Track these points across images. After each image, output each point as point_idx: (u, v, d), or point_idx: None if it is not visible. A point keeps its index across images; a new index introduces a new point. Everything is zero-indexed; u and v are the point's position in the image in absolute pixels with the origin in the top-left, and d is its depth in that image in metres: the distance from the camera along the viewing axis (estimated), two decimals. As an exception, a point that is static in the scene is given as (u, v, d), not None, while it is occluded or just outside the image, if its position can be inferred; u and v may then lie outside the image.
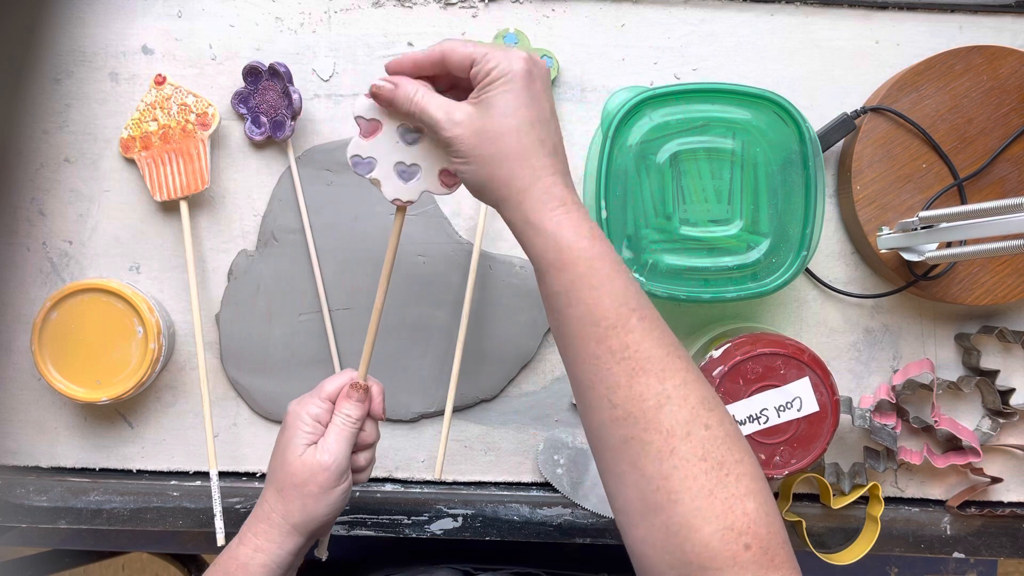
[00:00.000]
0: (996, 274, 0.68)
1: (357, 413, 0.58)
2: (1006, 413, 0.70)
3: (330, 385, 0.59)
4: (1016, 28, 0.71)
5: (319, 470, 0.56)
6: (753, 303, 0.72)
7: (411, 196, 0.55)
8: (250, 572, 0.56)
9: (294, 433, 0.57)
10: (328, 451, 0.57)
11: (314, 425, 0.58)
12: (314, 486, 0.56)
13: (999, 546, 0.72)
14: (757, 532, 0.44)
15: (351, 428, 0.58)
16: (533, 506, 0.72)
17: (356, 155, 0.54)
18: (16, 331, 0.71)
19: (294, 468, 0.57)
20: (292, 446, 0.57)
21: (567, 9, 0.71)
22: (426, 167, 0.54)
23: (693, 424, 0.46)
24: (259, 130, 0.70)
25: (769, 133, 0.62)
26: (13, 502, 0.71)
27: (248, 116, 0.70)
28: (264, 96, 0.70)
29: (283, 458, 0.57)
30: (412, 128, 0.54)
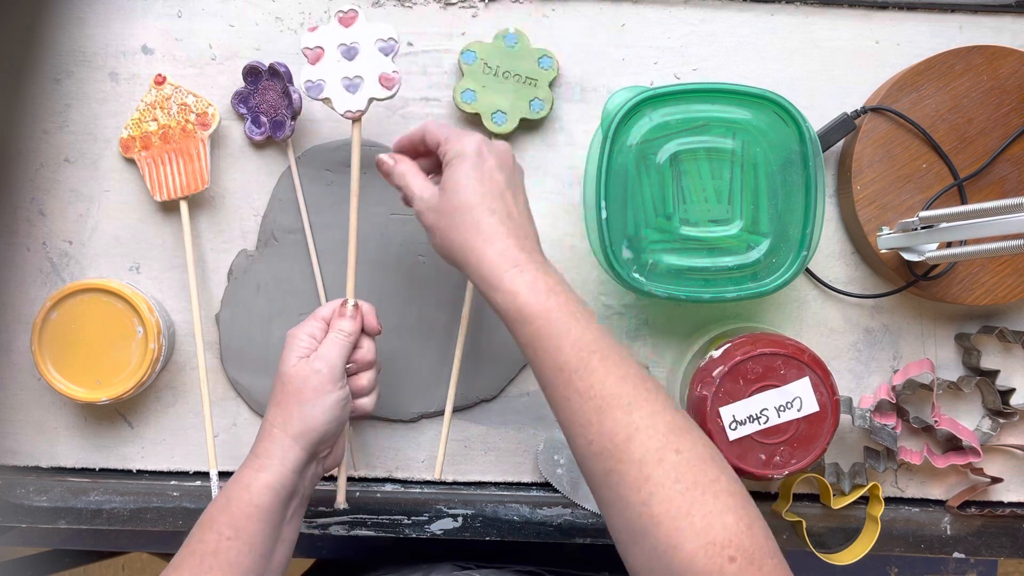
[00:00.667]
0: (996, 274, 0.68)
1: (349, 327, 0.61)
2: (1006, 413, 0.70)
3: (324, 309, 0.63)
4: (1016, 28, 0.71)
5: (311, 373, 0.59)
6: (753, 303, 0.72)
7: (360, 105, 0.63)
8: (253, 493, 0.57)
9: (290, 350, 0.60)
10: (320, 357, 0.60)
11: (310, 341, 0.61)
12: (308, 392, 0.58)
13: (999, 546, 0.72)
14: (740, 544, 0.47)
15: (344, 340, 0.61)
16: (533, 506, 0.72)
17: (308, 80, 0.62)
18: (16, 331, 0.71)
19: (288, 376, 0.59)
20: (287, 360, 0.60)
21: (567, 9, 0.71)
22: (368, 76, 0.62)
23: (664, 450, 0.49)
24: (259, 130, 0.70)
25: (769, 133, 0.62)
26: (13, 502, 0.71)
27: (248, 116, 0.70)
28: (264, 96, 0.69)
29: (279, 373, 0.60)
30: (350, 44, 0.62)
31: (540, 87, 0.69)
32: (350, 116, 0.63)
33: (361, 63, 0.62)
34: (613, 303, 0.72)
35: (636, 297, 0.72)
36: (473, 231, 0.55)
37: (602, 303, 0.72)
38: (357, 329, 0.62)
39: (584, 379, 0.51)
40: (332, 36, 0.62)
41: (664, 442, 0.49)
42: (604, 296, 0.72)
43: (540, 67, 0.69)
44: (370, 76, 0.62)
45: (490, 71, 0.69)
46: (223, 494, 0.58)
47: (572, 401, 0.51)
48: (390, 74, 0.62)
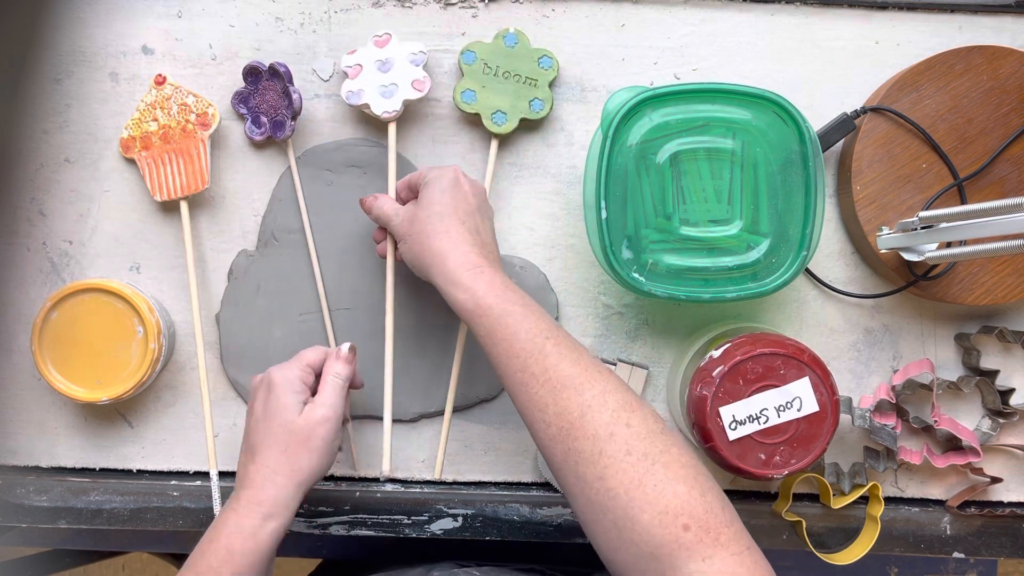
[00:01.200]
0: (996, 274, 0.68)
1: (347, 372, 0.64)
2: (1006, 413, 0.70)
3: (310, 354, 0.64)
4: (1016, 28, 0.71)
5: (321, 422, 0.60)
6: (753, 303, 0.72)
7: (395, 107, 0.68)
8: (260, 542, 0.58)
9: (288, 396, 0.61)
10: (325, 404, 0.61)
11: (302, 387, 0.62)
12: (318, 440, 0.60)
13: (999, 546, 0.72)
14: (693, 512, 0.48)
15: (342, 385, 0.63)
16: (533, 506, 0.72)
17: (348, 90, 0.68)
18: (16, 331, 0.71)
19: (298, 426, 0.60)
20: (289, 407, 0.61)
21: (567, 9, 0.71)
22: (401, 83, 0.69)
23: (615, 425, 0.52)
24: (259, 130, 0.70)
25: (769, 133, 0.62)
26: (13, 502, 0.71)
27: (248, 116, 0.70)
28: (264, 96, 0.70)
29: (282, 420, 0.60)
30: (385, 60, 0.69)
31: (540, 87, 0.69)
32: (387, 117, 0.68)
33: (395, 73, 0.69)
34: (613, 303, 0.72)
35: (636, 297, 0.72)
36: (443, 236, 0.60)
37: (602, 303, 0.72)
38: (352, 374, 0.64)
39: (539, 363, 0.54)
40: (369, 55, 0.69)
41: (614, 417, 0.52)
42: (604, 296, 0.72)
43: (540, 67, 0.69)
44: (403, 82, 0.69)
45: (490, 71, 0.69)
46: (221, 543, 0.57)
47: (529, 386, 0.54)
48: (421, 79, 0.69)
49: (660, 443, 0.51)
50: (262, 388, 0.62)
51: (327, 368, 0.64)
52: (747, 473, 0.62)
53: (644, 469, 0.50)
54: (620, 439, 0.51)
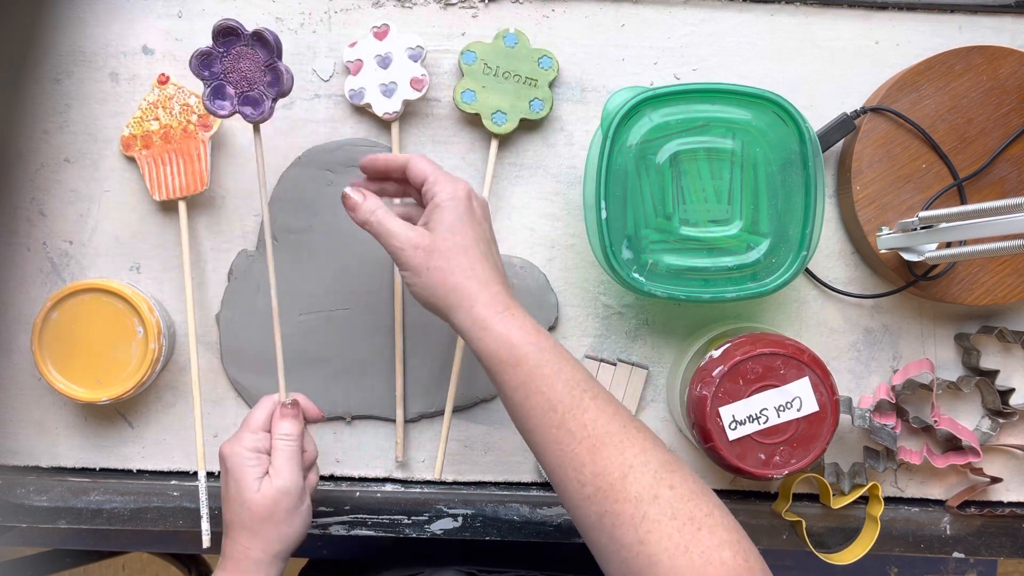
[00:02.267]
0: (996, 274, 0.68)
1: (296, 429, 0.61)
2: (1006, 413, 0.70)
3: (257, 415, 0.61)
4: (1016, 28, 0.71)
5: (280, 496, 0.58)
6: (753, 303, 0.72)
7: (395, 107, 0.68)
8: None
9: (242, 472, 0.59)
10: (281, 475, 0.59)
11: (257, 457, 0.59)
12: (281, 513, 0.58)
13: (999, 546, 0.72)
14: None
15: (293, 446, 0.60)
16: (533, 506, 0.72)
17: (351, 89, 0.68)
18: (16, 331, 0.71)
19: (256, 505, 0.58)
20: (245, 484, 0.58)
21: (567, 9, 0.71)
22: (400, 81, 0.68)
23: (658, 487, 0.49)
24: (223, 102, 0.59)
25: (769, 133, 0.62)
26: (13, 502, 0.71)
27: (211, 82, 0.59)
28: (237, 63, 0.59)
29: (241, 499, 0.58)
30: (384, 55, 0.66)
31: (540, 87, 0.69)
32: (388, 117, 0.69)
33: (394, 70, 0.68)
34: (613, 303, 0.72)
35: (636, 297, 0.72)
36: (468, 273, 0.55)
37: (602, 303, 0.72)
38: (302, 428, 0.62)
39: (577, 418, 0.51)
40: (369, 49, 0.68)
41: (657, 479, 0.49)
42: (604, 296, 0.72)
43: (540, 67, 0.69)
44: (402, 81, 0.68)
45: (490, 71, 0.69)
46: None
47: (564, 444, 0.51)
48: (419, 77, 0.68)
49: (704, 506, 0.49)
50: (222, 468, 0.60)
51: (274, 429, 0.61)
52: (747, 473, 0.62)
53: (689, 535, 0.48)
54: (664, 502, 0.48)
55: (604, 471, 0.50)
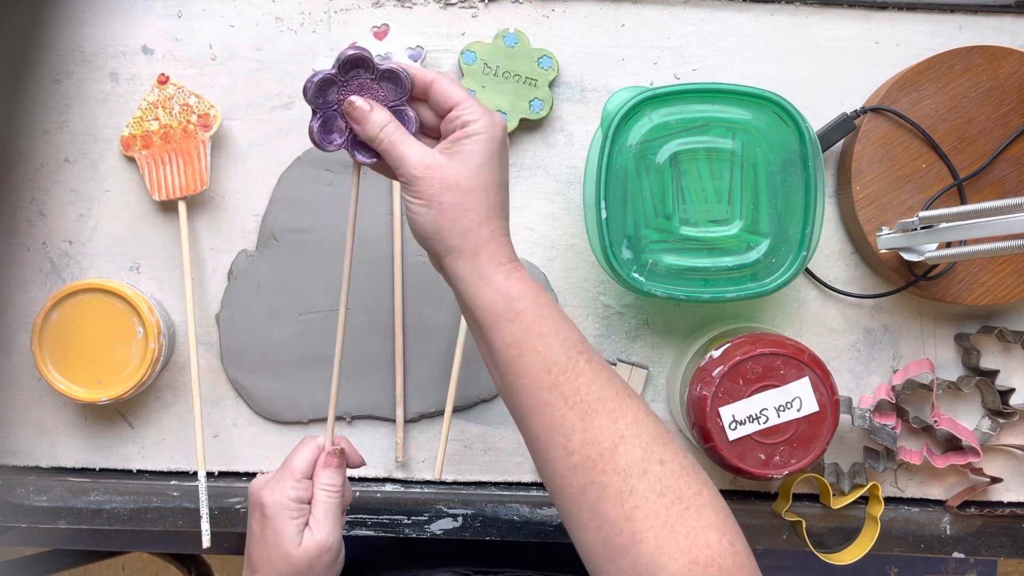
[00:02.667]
0: (996, 274, 0.68)
1: (340, 480, 0.57)
2: (1006, 413, 0.70)
3: (300, 462, 0.57)
4: (1016, 28, 0.71)
5: (323, 552, 0.55)
6: (753, 303, 0.72)
7: None
8: None
9: (283, 524, 0.55)
10: (323, 530, 0.56)
11: (299, 508, 0.56)
12: (321, 569, 0.56)
13: (999, 546, 0.72)
14: (722, 564, 0.45)
15: (337, 499, 0.57)
16: (533, 506, 0.72)
17: None
18: (16, 331, 0.71)
19: (299, 560, 0.55)
20: (286, 537, 0.55)
21: (567, 9, 0.71)
22: None
23: (648, 461, 0.47)
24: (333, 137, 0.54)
25: (769, 133, 0.62)
26: (13, 502, 0.71)
27: (321, 113, 0.53)
28: None
29: (280, 551, 0.55)
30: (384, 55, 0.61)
31: (540, 87, 0.70)
32: None
33: None
34: (613, 303, 0.72)
35: (636, 297, 0.72)
36: (481, 218, 0.50)
37: (602, 303, 0.72)
38: (345, 478, 0.58)
39: (572, 381, 0.48)
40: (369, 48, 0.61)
41: (648, 452, 0.47)
42: (604, 296, 0.72)
43: (540, 67, 0.69)
44: None
45: (490, 71, 0.69)
46: None
47: (555, 407, 0.48)
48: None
49: (693, 484, 0.47)
50: (256, 511, 0.56)
51: (316, 479, 0.57)
52: (747, 473, 0.62)
53: (677, 514, 0.46)
54: (654, 477, 0.47)
55: (594, 440, 0.47)
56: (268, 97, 0.71)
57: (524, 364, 0.49)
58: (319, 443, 0.58)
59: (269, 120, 0.71)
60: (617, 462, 0.47)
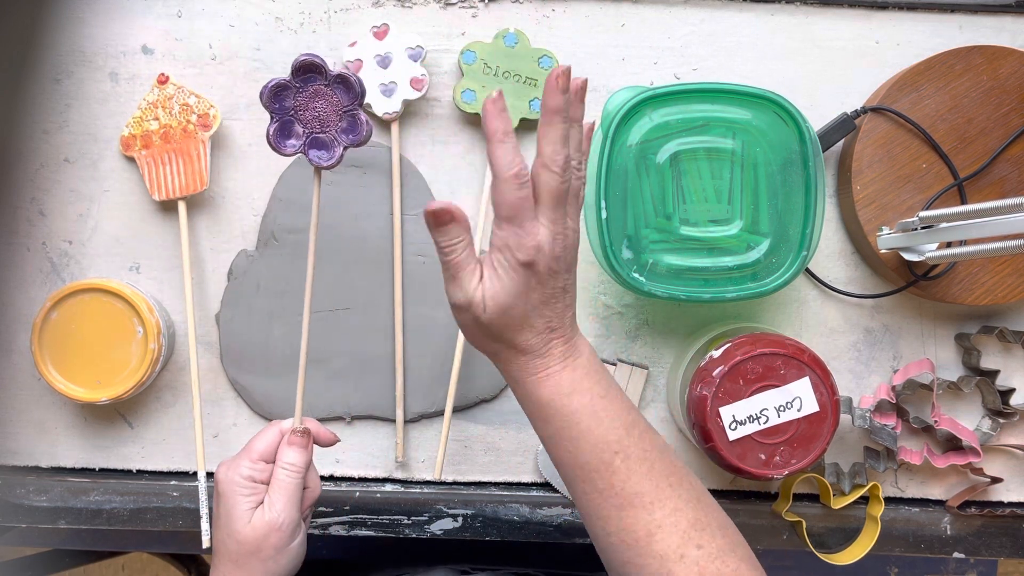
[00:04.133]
0: (996, 274, 0.68)
1: (302, 460, 0.57)
2: (1006, 413, 0.70)
3: (259, 443, 0.57)
4: (1016, 28, 0.71)
5: (271, 531, 0.55)
6: (753, 303, 0.72)
7: (395, 107, 0.68)
8: None
9: (234, 501, 0.55)
10: (274, 508, 0.55)
11: (252, 486, 0.56)
12: (270, 549, 0.55)
13: (999, 546, 0.72)
14: None
15: (296, 479, 0.56)
16: (533, 506, 0.72)
17: None
18: (16, 331, 0.71)
19: (245, 536, 0.55)
20: (235, 515, 0.55)
21: (567, 9, 0.71)
22: (400, 80, 0.68)
23: (685, 547, 0.49)
24: (290, 141, 0.56)
25: (769, 133, 0.62)
26: (13, 502, 0.71)
27: (277, 117, 0.56)
28: (312, 102, 0.55)
29: (229, 529, 0.55)
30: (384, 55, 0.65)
31: (540, 87, 0.69)
32: (388, 117, 0.69)
33: (394, 70, 0.68)
34: (613, 303, 0.72)
35: (636, 297, 0.72)
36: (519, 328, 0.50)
37: (602, 303, 0.72)
38: (308, 459, 0.58)
39: (604, 479, 0.50)
40: (369, 48, 0.68)
41: (686, 539, 0.49)
42: (604, 296, 0.72)
43: (540, 67, 0.69)
44: (402, 80, 0.68)
45: (490, 71, 0.69)
46: None
47: (591, 496, 0.50)
48: (419, 77, 0.68)
49: (731, 562, 0.49)
50: (215, 491, 0.57)
51: (279, 456, 0.57)
52: (747, 473, 0.62)
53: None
54: (691, 561, 0.48)
55: (630, 528, 0.49)
56: (268, 97, 0.71)
57: (559, 457, 0.51)
58: (282, 428, 0.59)
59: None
60: (653, 548, 0.49)
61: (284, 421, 0.60)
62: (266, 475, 0.57)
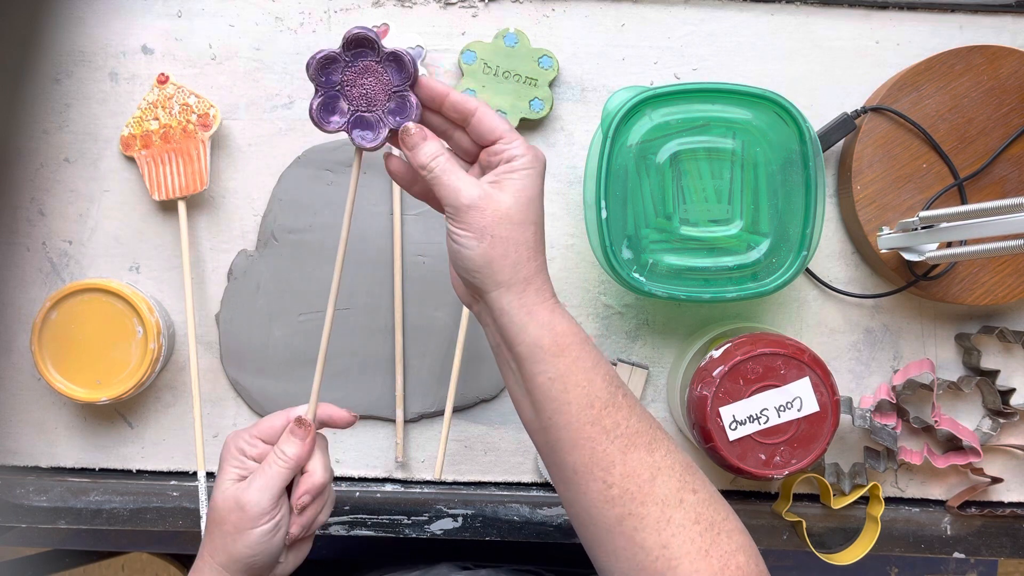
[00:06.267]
0: (996, 274, 0.68)
1: (294, 452, 0.55)
2: (1006, 413, 0.70)
3: (265, 422, 0.56)
4: (1016, 28, 0.71)
5: (235, 508, 0.54)
6: (753, 303, 0.72)
7: None
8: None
9: (223, 468, 0.55)
10: (248, 489, 0.54)
11: (241, 460, 0.55)
12: (229, 525, 0.54)
13: (999, 546, 0.72)
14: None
15: (281, 468, 0.54)
16: (533, 506, 0.72)
17: None
18: (16, 331, 0.71)
19: (216, 503, 0.54)
20: (219, 481, 0.55)
21: (567, 9, 0.71)
22: None
23: (683, 491, 0.49)
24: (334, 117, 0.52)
25: (769, 133, 0.62)
26: (13, 502, 0.71)
27: (323, 92, 0.51)
28: (362, 78, 0.51)
29: (213, 491, 0.55)
30: None
31: (540, 87, 0.69)
32: None
33: None
34: (613, 303, 0.72)
35: (636, 297, 0.72)
36: (530, 252, 0.50)
37: (602, 303, 0.72)
38: (304, 454, 0.55)
39: (612, 416, 0.49)
40: None
41: (683, 482, 0.49)
42: (604, 296, 0.72)
43: (540, 67, 0.69)
44: None
45: (490, 71, 0.69)
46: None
47: (597, 441, 0.49)
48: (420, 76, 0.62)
49: (722, 510, 0.49)
50: None
51: (279, 441, 0.56)
52: (747, 473, 0.62)
53: (710, 539, 0.48)
54: (689, 506, 0.48)
55: (634, 472, 0.48)
56: (268, 97, 0.71)
57: (568, 399, 0.49)
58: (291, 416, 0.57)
59: (269, 120, 0.71)
60: (655, 493, 0.48)
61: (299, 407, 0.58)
62: (256, 453, 0.56)
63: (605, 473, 0.49)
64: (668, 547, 0.47)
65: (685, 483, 0.49)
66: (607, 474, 0.49)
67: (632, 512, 0.48)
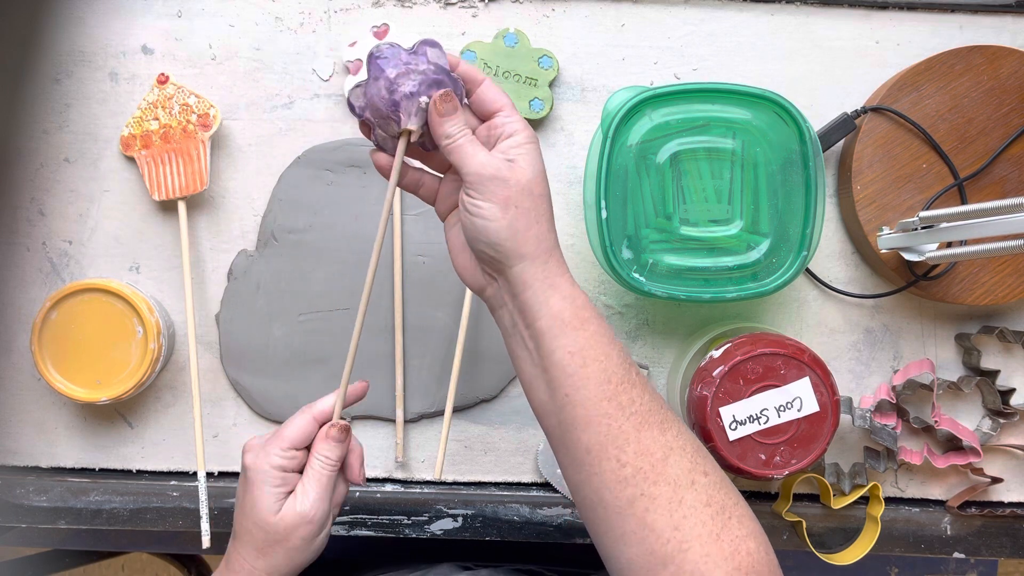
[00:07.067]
0: (996, 274, 0.68)
1: (336, 454, 0.55)
2: (1006, 413, 0.70)
3: (291, 432, 0.55)
4: (1016, 28, 0.71)
5: (301, 523, 0.54)
6: (753, 303, 0.72)
7: None
8: None
9: (261, 490, 0.54)
10: (308, 500, 0.54)
11: (281, 477, 0.54)
12: (297, 540, 0.54)
13: (999, 546, 0.72)
14: (760, 571, 0.47)
15: (330, 472, 0.55)
16: (533, 506, 0.72)
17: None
18: (16, 331, 0.71)
19: (274, 526, 0.54)
20: (263, 505, 0.54)
21: (567, 9, 0.71)
22: None
23: (695, 472, 0.48)
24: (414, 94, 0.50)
25: (769, 133, 0.62)
26: (13, 502, 0.71)
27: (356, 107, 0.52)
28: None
29: (256, 518, 0.54)
30: None
31: (540, 87, 0.69)
32: None
33: None
34: (613, 303, 0.72)
35: (636, 297, 0.72)
36: (547, 224, 0.50)
37: (602, 303, 0.72)
38: (344, 452, 0.56)
39: (628, 392, 0.48)
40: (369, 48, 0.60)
41: (694, 464, 0.48)
42: (604, 296, 0.72)
43: (540, 67, 0.69)
44: None
45: (490, 71, 0.69)
46: None
47: (613, 418, 0.48)
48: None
49: (732, 495, 0.49)
50: (241, 475, 0.56)
51: (315, 447, 0.55)
52: (747, 473, 0.62)
53: (721, 523, 0.47)
54: (700, 488, 0.48)
55: (647, 450, 0.47)
56: (268, 97, 0.71)
57: (587, 374, 0.48)
58: (316, 415, 0.56)
59: (269, 120, 0.71)
60: (668, 472, 0.47)
61: (316, 404, 0.56)
62: (296, 463, 0.55)
63: (619, 451, 0.47)
64: (680, 529, 0.46)
65: (696, 464, 0.48)
66: (621, 452, 0.47)
67: (644, 492, 0.47)
